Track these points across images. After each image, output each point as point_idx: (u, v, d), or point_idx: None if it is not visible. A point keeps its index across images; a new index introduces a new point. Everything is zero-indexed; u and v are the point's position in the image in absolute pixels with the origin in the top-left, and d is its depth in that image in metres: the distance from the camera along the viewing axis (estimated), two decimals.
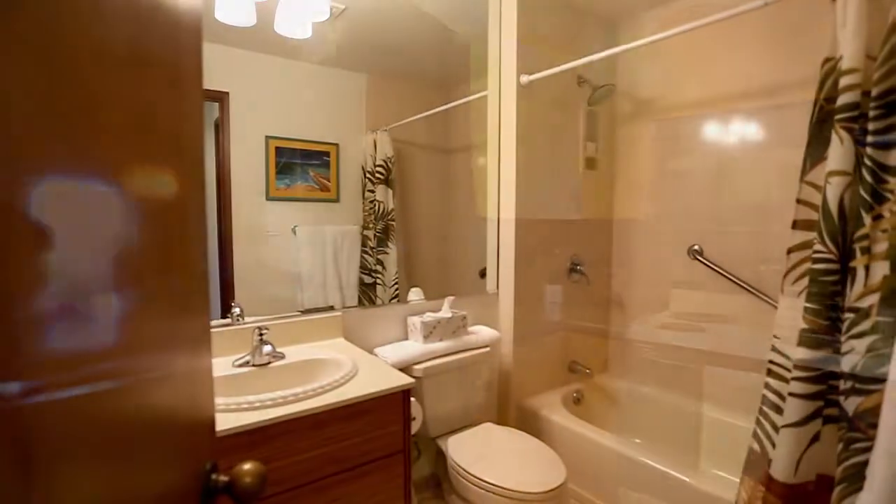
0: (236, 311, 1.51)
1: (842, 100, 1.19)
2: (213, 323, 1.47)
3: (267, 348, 1.38)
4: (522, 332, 2.19)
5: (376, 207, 1.89)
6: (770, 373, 1.38)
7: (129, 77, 0.39)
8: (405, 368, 1.67)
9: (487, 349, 1.91)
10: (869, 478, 0.92)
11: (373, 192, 1.87)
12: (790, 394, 1.28)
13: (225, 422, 1.04)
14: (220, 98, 1.50)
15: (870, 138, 1.16)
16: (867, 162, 1.16)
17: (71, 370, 0.31)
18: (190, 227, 0.55)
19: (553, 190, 2.27)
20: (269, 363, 1.38)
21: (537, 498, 1.39)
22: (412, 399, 1.48)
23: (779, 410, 1.33)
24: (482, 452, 1.63)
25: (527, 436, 1.77)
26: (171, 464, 0.48)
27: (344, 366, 1.36)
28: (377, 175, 1.88)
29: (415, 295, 1.96)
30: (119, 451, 0.37)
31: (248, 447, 1.07)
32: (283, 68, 1.62)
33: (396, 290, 1.94)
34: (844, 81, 1.19)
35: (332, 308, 1.75)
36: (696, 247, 2.19)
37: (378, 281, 1.89)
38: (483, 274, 2.21)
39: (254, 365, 1.36)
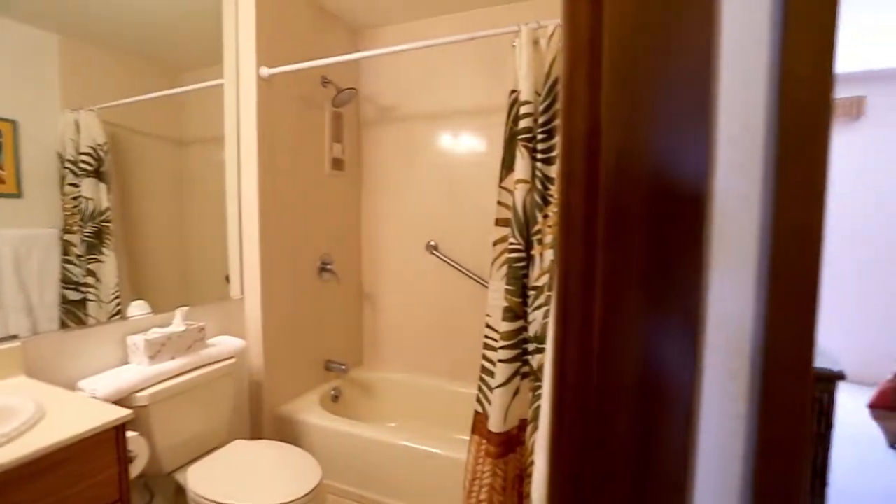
0: None
1: (521, 124, 1.52)
2: None
3: None
4: (273, 337, 2.09)
5: (83, 206, 1.53)
6: (485, 346, 1.67)
7: None
8: (125, 399, 1.40)
9: (232, 360, 1.76)
10: (542, 415, 1.20)
11: (77, 185, 1.50)
12: (499, 360, 1.58)
13: None
14: None
15: (539, 155, 1.52)
16: (538, 173, 1.52)
17: None
18: None
19: (299, 189, 2.23)
20: None
21: None
22: (133, 434, 1.26)
23: (492, 375, 1.62)
24: (229, 474, 1.50)
25: (281, 445, 1.70)
26: None
27: (20, 412, 1.05)
28: (82, 165, 1.51)
29: (137, 309, 1.66)
30: None
31: None
32: None
33: (118, 305, 1.61)
34: (522, 110, 1.52)
35: (14, 337, 1.34)
36: (432, 242, 2.48)
37: (90, 296, 1.54)
38: (230, 279, 2.03)
39: None
